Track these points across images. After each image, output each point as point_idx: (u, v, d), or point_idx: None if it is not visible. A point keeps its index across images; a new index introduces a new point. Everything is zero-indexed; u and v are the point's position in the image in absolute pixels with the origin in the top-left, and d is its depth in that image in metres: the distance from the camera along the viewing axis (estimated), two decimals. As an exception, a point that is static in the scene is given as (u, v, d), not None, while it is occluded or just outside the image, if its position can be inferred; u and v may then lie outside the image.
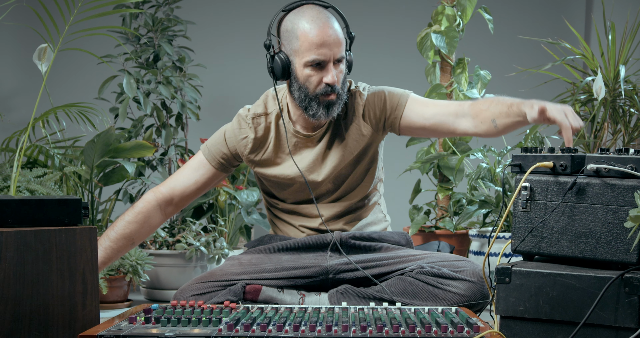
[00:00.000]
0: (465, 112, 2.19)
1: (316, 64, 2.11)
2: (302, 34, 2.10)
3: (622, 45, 3.16)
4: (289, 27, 2.14)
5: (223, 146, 2.30)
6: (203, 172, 2.32)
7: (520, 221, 1.85)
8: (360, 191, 2.31)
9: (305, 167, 2.25)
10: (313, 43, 2.09)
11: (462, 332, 1.57)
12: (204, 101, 3.71)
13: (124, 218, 2.27)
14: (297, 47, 2.12)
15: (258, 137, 2.27)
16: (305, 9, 2.15)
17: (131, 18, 3.47)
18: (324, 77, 2.13)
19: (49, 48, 2.53)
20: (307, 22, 2.11)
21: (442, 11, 3.29)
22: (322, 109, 2.15)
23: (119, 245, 2.25)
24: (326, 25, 2.11)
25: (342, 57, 2.15)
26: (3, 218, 1.69)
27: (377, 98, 2.25)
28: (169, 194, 2.31)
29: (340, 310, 1.82)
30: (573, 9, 4.47)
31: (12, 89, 4.21)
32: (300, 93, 2.15)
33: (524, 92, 3.69)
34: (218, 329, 1.58)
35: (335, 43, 2.11)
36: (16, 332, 1.64)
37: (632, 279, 1.66)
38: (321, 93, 2.14)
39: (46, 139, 3.16)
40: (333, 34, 2.11)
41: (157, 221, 2.32)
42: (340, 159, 2.24)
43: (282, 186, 2.30)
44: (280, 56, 2.15)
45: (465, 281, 2.09)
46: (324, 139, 2.25)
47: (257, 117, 2.28)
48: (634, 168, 1.72)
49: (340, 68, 2.15)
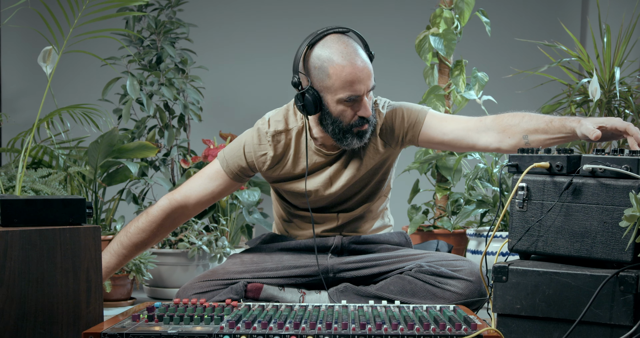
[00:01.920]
0: (487, 126, 2.13)
1: (351, 100, 2.06)
2: (334, 72, 2.03)
3: (617, 47, 3.16)
4: (318, 65, 2.06)
5: (241, 161, 2.23)
6: (219, 183, 2.26)
7: (517, 220, 1.85)
8: (373, 200, 2.30)
9: (321, 182, 2.23)
10: (347, 81, 2.03)
11: (459, 330, 1.57)
12: (206, 102, 3.71)
13: (138, 225, 2.23)
14: (330, 84, 2.05)
15: (277, 154, 2.22)
16: (330, 42, 2.06)
17: (134, 21, 3.47)
18: (358, 112, 2.08)
19: (53, 50, 2.53)
20: (336, 58, 2.04)
21: (440, 14, 3.30)
22: (355, 139, 2.12)
23: (130, 251, 2.22)
24: (356, 60, 2.04)
25: (374, 86, 2.10)
26: (8, 217, 1.69)
27: (395, 116, 2.21)
28: (184, 202, 2.25)
29: (340, 308, 1.82)
30: (569, 11, 4.47)
31: (18, 91, 4.21)
32: (334, 127, 2.10)
33: (520, 94, 3.70)
34: (220, 327, 1.58)
35: (367, 77, 2.06)
36: (21, 330, 1.64)
37: (627, 277, 1.66)
38: (355, 125, 2.09)
39: (51, 139, 3.16)
40: (364, 68, 2.05)
41: (169, 229, 2.28)
42: (354, 174, 2.21)
43: (297, 197, 2.27)
44: (309, 92, 2.07)
45: (463, 280, 2.09)
46: (343, 157, 2.22)
47: (278, 134, 2.22)
48: (629, 168, 1.72)
49: (370, 96, 2.11)
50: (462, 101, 3.33)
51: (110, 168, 3.15)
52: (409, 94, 3.89)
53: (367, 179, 2.24)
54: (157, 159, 3.52)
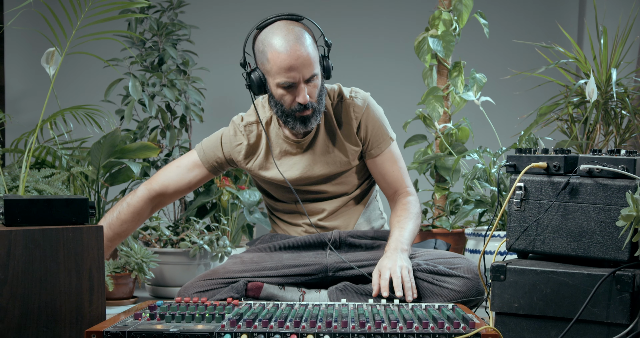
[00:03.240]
0: (397, 199, 2.31)
1: (287, 86, 2.10)
2: (272, 57, 2.08)
3: (613, 49, 3.16)
4: (261, 48, 2.12)
5: (219, 151, 2.31)
6: (196, 173, 2.33)
7: (514, 220, 1.85)
8: (356, 187, 2.32)
9: (299, 171, 2.25)
10: (282, 68, 2.07)
11: (458, 328, 1.57)
12: (207, 103, 3.71)
13: (120, 216, 2.30)
14: (269, 69, 2.10)
15: (251, 143, 2.29)
16: (275, 28, 2.10)
17: (137, 23, 3.47)
18: (296, 98, 2.11)
19: (56, 52, 2.53)
20: (276, 43, 2.08)
21: (439, 16, 3.30)
22: (299, 123, 2.16)
23: (114, 243, 2.31)
24: (295, 46, 2.07)
25: (314, 75, 2.11)
26: (12, 217, 1.69)
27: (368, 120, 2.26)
28: (162, 191, 2.32)
29: (339, 306, 1.82)
30: (566, 13, 4.47)
31: (21, 92, 4.21)
32: (277, 109, 2.16)
33: (518, 95, 3.70)
34: (221, 325, 1.58)
35: (304, 64, 2.07)
36: (25, 328, 1.64)
37: (623, 276, 1.66)
38: (296, 110, 2.14)
39: (54, 140, 3.16)
40: (302, 55, 2.07)
41: (147, 216, 2.36)
42: (333, 161, 2.25)
43: (279, 189, 2.30)
44: (255, 73, 2.14)
45: (461, 277, 2.09)
46: (316, 144, 2.26)
47: (249, 125, 2.29)
48: (625, 168, 1.72)
49: (314, 83, 2.13)
50: (461, 102, 3.33)
51: (113, 168, 3.15)
52: (408, 95, 3.90)
53: (347, 166, 2.28)
54: (159, 159, 3.52)
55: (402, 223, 2.23)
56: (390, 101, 2.37)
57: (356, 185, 2.33)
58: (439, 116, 3.28)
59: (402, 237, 2.17)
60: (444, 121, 3.37)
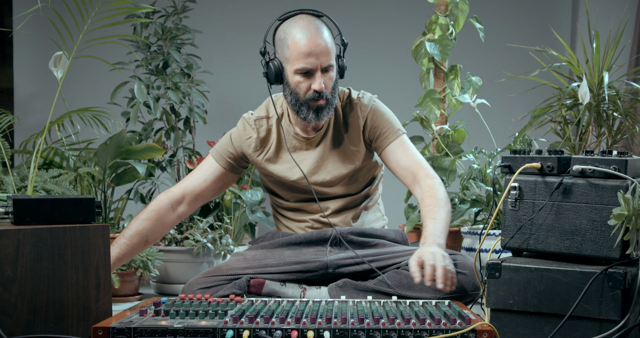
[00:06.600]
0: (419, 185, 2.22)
1: (305, 72, 2.15)
2: (292, 43, 2.14)
3: (605, 52, 3.16)
4: (282, 36, 2.18)
5: (230, 147, 2.33)
6: (212, 171, 2.34)
7: (509, 219, 1.85)
8: (361, 189, 2.32)
9: (307, 168, 2.26)
10: (301, 53, 2.12)
11: (454, 324, 1.57)
12: (211, 106, 3.71)
13: (139, 216, 2.28)
14: (288, 55, 2.15)
15: (261, 137, 2.31)
16: (297, 19, 2.17)
17: (142, 27, 3.47)
18: (312, 84, 2.15)
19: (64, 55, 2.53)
20: (297, 32, 2.14)
21: (435, 21, 3.29)
22: (312, 113, 2.19)
23: (132, 241, 2.24)
24: (315, 35, 2.13)
25: (330, 65, 2.17)
26: (21, 216, 1.69)
27: (375, 117, 2.28)
28: (181, 194, 2.32)
29: (339, 303, 1.82)
30: (559, 18, 4.47)
31: (30, 94, 4.21)
32: (292, 98, 2.19)
33: (513, 98, 3.70)
34: (224, 321, 1.58)
35: (322, 52, 2.13)
36: (33, 324, 1.64)
37: (615, 274, 1.66)
38: (310, 98, 2.17)
39: (61, 141, 3.16)
40: (321, 44, 2.13)
41: (170, 221, 2.31)
42: (340, 161, 2.26)
43: (285, 187, 2.30)
44: (274, 62, 2.19)
45: (458, 273, 2.08)
46: (324, 142, 2.26)
47: (259, 119, 2.32)
48: (617, 168, 1.72)
49: (329, 75, 2.18)
50: (457, 104, 3.33)
51: (119, 168, 3.15)
52: (405, 97, 3.89)
53: (353, 166, 2.27)
54: (164, 160, 3.52)
55: (434, 213, 2.10)
56: (388, 103, 2.37)
57: (361, 187, 2.33)
58: (436, 117, 3.28)
59: (436, 230, 2.04)
60: (441, 123, 3.37)
